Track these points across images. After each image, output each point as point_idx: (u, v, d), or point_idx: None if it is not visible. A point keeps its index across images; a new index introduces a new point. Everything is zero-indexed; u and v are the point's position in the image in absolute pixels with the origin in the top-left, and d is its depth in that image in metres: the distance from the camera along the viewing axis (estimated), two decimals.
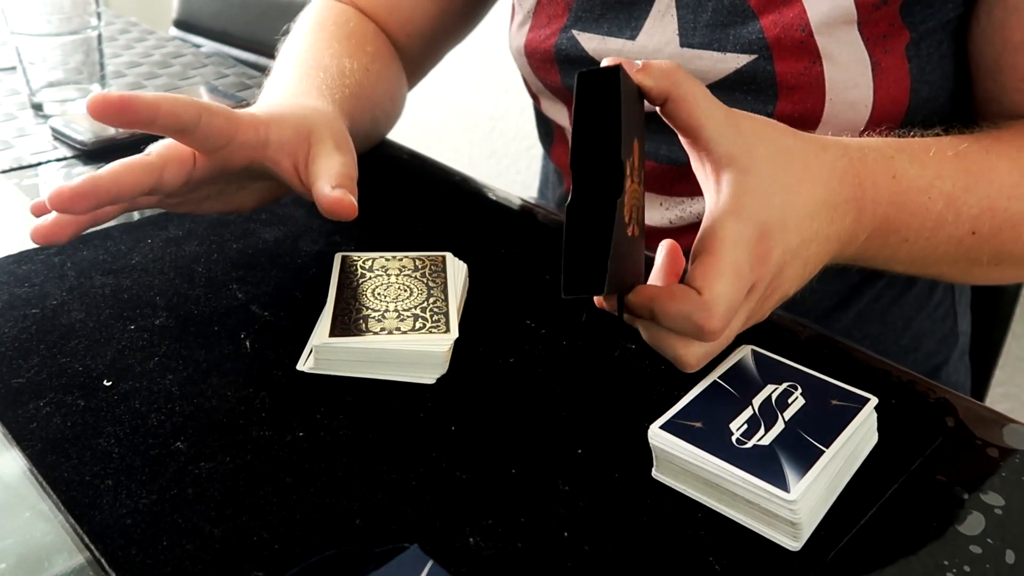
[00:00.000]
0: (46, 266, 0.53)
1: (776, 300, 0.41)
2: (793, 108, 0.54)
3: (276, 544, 0.35)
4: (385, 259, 0.51)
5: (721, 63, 0.55)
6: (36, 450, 0.39)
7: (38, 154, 0.69)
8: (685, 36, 0.56)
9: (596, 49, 0.60)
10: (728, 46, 0.55)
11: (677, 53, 0.57)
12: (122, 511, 0.36)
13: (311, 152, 0.47)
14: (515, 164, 1.79)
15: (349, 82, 0.59)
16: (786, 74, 0.53)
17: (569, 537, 0.36)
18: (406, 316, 0.45)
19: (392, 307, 0.46)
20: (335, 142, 0.48)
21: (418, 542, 0.35)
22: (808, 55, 0.53)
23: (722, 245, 0.37)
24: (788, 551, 0.35)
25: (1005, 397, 1.06)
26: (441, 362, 0.44)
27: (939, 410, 0.44)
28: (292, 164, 0.47)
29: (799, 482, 0.35)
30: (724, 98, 0.55)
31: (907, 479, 0.39)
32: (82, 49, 0.76)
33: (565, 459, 0.40)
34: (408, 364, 0.44)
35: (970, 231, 0.47)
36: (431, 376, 0.44)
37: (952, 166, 0.46)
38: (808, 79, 0.53)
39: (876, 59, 0.52)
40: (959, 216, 0.46)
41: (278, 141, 0.47)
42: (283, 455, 0.39)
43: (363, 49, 0.64)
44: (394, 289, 0.47)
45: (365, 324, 0.44)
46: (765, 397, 0.40)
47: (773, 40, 0.53)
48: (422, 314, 0.45)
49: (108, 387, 0.43)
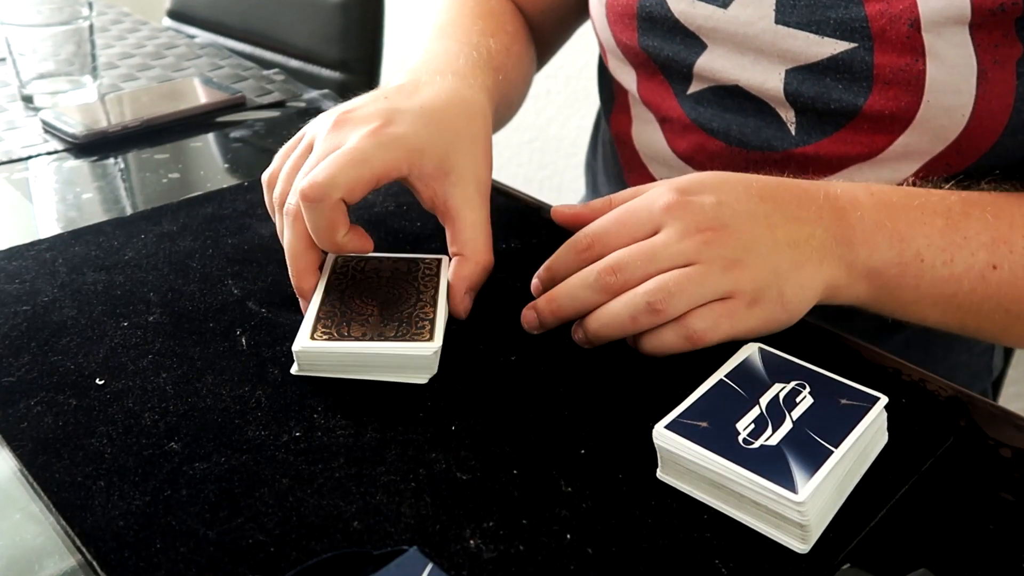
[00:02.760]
0: (37, 262, 0.53)
1: (735, 251, 0.42)
2: (886, 104, 0.52)
3: (272, 547, 0.35)
4: (379, 260, 0.50)
5: (817, 46, 0.53)
6: (27, 450, 0.39)
7: (28, 147, 0.69)
8: (782, 12, 0.54)
9: (684, 12, 0.57)
10: (827, 30, 0.52)
11: (770, 29, 0.54)
12: (114, 513, 0.36)
13: (453, 195, 0.47)
14: (516, 157, 1.78)
15: (496, 64, 0.58)
16: (885, 67, 0.51)
17: (572, 539, 0.35)
18: (390, 321, 0.44)
19: (378, 311, 0.45)
20: (476, 184, 0.48)
21: (417, 544, 0.34)
22: (912, 51, 0.50)
23: None
24: (796, 554, 0.35)
25: (1018, 396, 1.06)
26: (428, 365, 0.43)
27: (951, 409, 0.43)
28: (430, 196, 0.47)
29: (807, 483, 0.35)
30: (814, 81, 0.54)
31: (918, 480, 0.39)
32: (73, 40, 0.75)
33: (568, 459, 0.39)
34: (394, 367, 0.43)
35: (990, 264, 0.46)
36: (422, 377, 0.43)
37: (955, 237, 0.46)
38: (908, 76, 0.51)
39: (984, 67, 0.50)
40: (967, 240, 0.46)
41: (419, 175, 0.47)
42: (279, 455, 0.39)
43: (504, 28, 0.63)
44: (383, 292, 0.46)
45: (348, 328, 0.43)
46: (772, 396, 0.39)
47: (877, 31, 0.51)
48: (407, 320, 0.44)
49: (100, 386, 0.43)
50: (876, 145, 0.54)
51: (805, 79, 0.54)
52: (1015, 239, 0.47)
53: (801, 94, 0.54)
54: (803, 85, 0.54)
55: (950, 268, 0.46)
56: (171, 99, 0.74)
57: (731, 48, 0.57)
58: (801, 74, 0.54)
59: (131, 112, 0.72)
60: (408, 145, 0.46)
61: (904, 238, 0.46)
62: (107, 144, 0.69)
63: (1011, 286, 0.47)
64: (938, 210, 0.47)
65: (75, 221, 0.58)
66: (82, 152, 0.68)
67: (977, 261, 0.46)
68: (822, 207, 0.45)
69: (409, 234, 0.57)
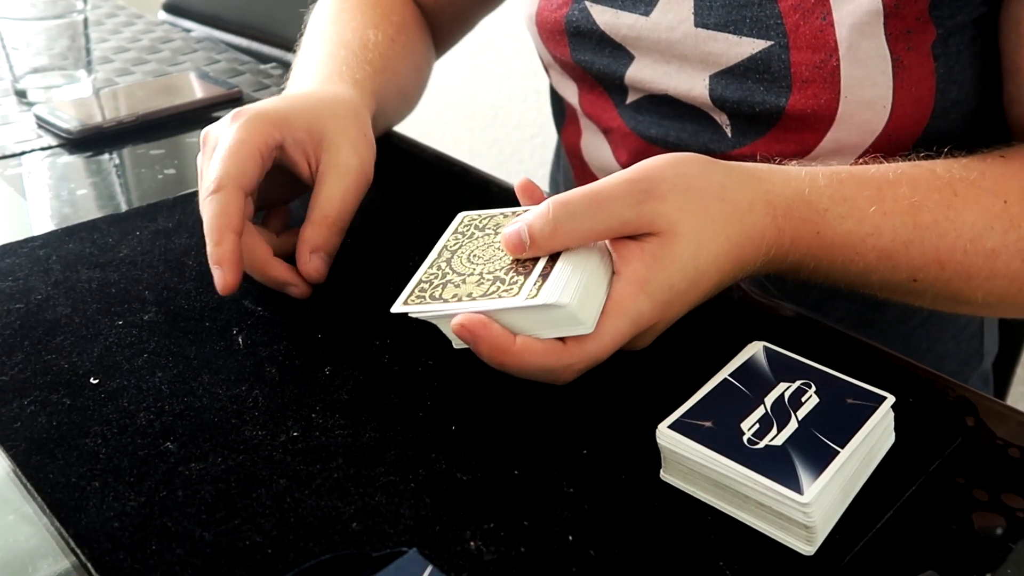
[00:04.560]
0: (30, 260, 0.52)
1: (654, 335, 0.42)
2: (806, 103, 0.52)
3: (269, 549, 0.34)
4: (503, 216, 0.46)
5: (736, 47, 0.54)
6: (20, 451, 0.39)
7: (22, 143, 0.68)
8: (701, 15, 0.55)
9: (608, 23, 0.58)
10: (744, 28, 0.53)
11: (691, 33, 0.55)
12: (109, 514, 0.36)
13: (322, 160, 0.49)
14: (518, 153, 1.77)
15: (372, 56, 0.59)
16: (801, 65, 0.52)
17: (574, 541, 0.35)
18: (486, 279, 0.41)
19: (479, 269, 0.42)
20: (350, 143, 0.50)
21: (417, 546, 0.34)
22: (825, 47, 0.51)
23: (617, 312, 0.39)
24: (802, 556, 0.35)
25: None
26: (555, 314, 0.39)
27: (958, 409, 0.43)
28: (306, 163, 0.49)
29: (813, 484, 0.34)
30: (737, 85, 0.55)
31: (925, 481, 0.39)
32: (67, 34, 0.75)
33: (570, 460, 0.39)
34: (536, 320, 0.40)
35: (911, 279, 0.46)
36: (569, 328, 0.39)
37: (899, 220, 0.45)
38: (823, 73, 0.51)
39: (897, 56, 0.50)
40: (896, 268, 0.45)
41: (292, 142, 0.49)
42: (277, 456, 0.39)
43: (388, 19, 0.63)
44: (493, 249, 0.43)
45: (442, 290, 0.41)
46: (778, 395, 0.39)
47: (791, 26, 0.51)
48: (505, 275, 0.41)
49: (95, 385, 0.42)
50: (807, 143, 0.54)
51: (728, 83, 0.55)
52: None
53: (727, 99, 0.55)
54: (727, 90, 0.55)
55: (863, 281, 0.46)
56: (167, 94, 0.74)
57: (657, 58, 0.57)
58: (724, 79, 0.55)
59: (126, 107, 0.71)
60: (275, 116, 0.48)
61: (816, 272, 0.45)
62: (102, 139, 0.68)
63: (933, 287, 0.46)
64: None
65: (69, 218, 0.58)
66: (76, 148, 0.68)
67: (895, 278, 0.46)
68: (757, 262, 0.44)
69: (408, 230, 0.56)
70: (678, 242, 0.39)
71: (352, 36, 0.60)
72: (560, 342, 0.39)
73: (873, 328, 0.63)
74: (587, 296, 0.38)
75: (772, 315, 0.49)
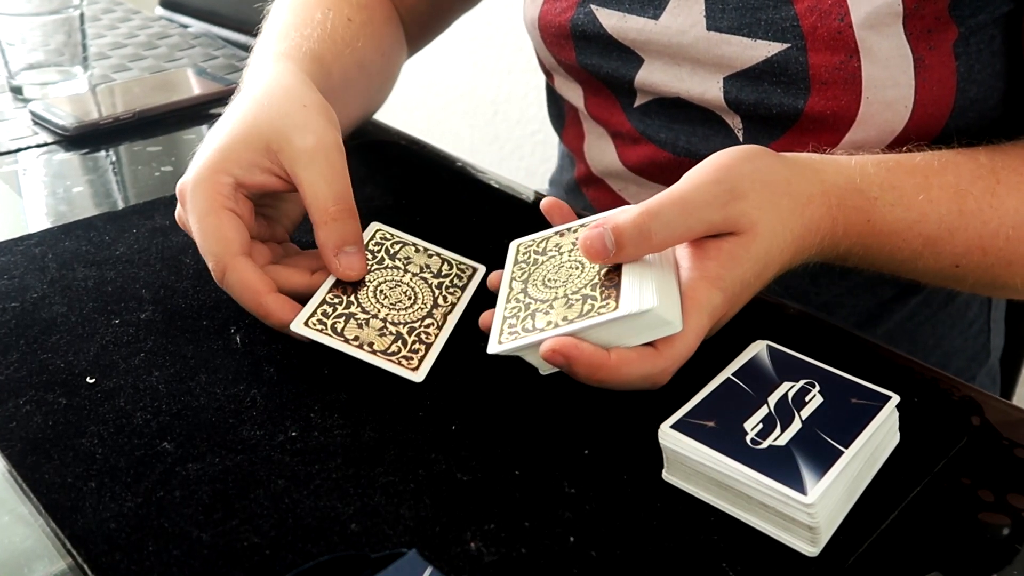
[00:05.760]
0: (26, 257, 0.52)
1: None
2: (825, 105, 0.52)
3: (267, 549, 0.34)
4: (415, 249, 0.47)
5: (750, 50, 0.53)
6: (16, 451, 0.38)
7: (17, 140, 0.68)
8: (713, 18, 0.54)
9: (615, 27, 0.58)
10: (759, 32, 0.52)
11: (703, 36, 0.54)
12: (106, 515, 0.35)
13: (281, 159, 0.45)
14: (519, 150, 1.77)
15: (314, 27, 0.56)
16: (820, 67, 0.51)
17: (575, 542, 0.35)
18: (389, 331, 0.43)
19: (383, 314, 0.43)
20: (295, 126, 0.46)
21: (416, 547, 0.34)
22: (845, 48, 0.50)
23: (695, 307, 0.39)
24: (805, 557, 0.35)
25: None
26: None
27: (964, 409, 0.43)
28: (273, 176, 0.46)
29: (817, 484, 0.34)
30: (752, 88, 0.54)
31: (930, 481, 0.38)
32: (63, 29, 0.74)
33: (571, 460, 0.39)
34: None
35: (953, 264, 0.47)
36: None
37: (945, 207, 0.46)
38: (844, 75, 0.51)
39: (919, 55, 0.50)
40: (939, 254, 0.47)
41: (242, 171, 0.45)
42: (275, 456, 0.39)
43: (348, 1, 0.61)
44: (399, 292, 0.45)
45: (345, 324, 0.42)
46: (781, 395, 0.39)
47: (808, 28, 0.51)
48: (407, 335, 0.43)
49: (91, 384, 0.42)
50: (825, 144, 0.54)
51: (744, 86, 0.54)
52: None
53: (742, 101, 0.55)
54: (742, 92, 0.54)
55: (907, 267, 0.47)
56: (164, 90, 0.74)
57: (667, 60, 0.57)
58: (739, 81, 0.54)
59: (123, 103, 0.71)
60: (211, 163, 0.45)
61: (864, 260, 0.47)
62: (98, 136, 0.68)
63: (973, 274, 0.48)
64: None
65: (65, 215, 0.57)
66: (72, 145, 0.67)
67: (938, 264, 0.47)
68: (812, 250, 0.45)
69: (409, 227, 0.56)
70: (756, 241, 0.41)
71: (295, 17, 0.57)
72: (651, 347, 0.39)
73: (880, 327, 0.63)
74: (667, 296, 0.39)
75: (775, 314, 0.49)
